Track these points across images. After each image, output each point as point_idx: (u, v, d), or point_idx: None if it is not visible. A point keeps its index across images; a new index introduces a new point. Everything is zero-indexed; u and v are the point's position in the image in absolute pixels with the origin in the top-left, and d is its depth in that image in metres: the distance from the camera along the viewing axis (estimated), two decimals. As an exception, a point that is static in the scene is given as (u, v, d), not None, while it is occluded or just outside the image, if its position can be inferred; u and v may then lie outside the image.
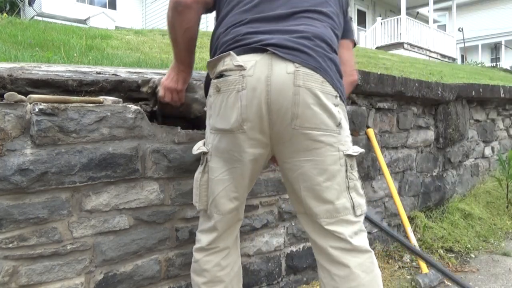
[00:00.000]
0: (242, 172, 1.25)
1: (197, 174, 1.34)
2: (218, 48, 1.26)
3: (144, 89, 1.53)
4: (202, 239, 1.34)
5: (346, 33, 1.43)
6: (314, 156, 1.18)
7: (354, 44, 1.50)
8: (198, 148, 1.32)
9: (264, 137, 1.19)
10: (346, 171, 1.20)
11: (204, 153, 1.30)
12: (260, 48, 1.14)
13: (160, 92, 1.48)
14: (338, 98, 1.18)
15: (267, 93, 1.12)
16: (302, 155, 1.18)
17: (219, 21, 1.32)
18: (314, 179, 1.19)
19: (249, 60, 1.14)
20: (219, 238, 1.33)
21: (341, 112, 1.19)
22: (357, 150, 1.22)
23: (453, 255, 2.46)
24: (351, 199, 1.21)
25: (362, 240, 1.22)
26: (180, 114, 1.60)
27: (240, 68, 1.14)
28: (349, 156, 1.20)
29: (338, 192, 1.19)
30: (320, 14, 1.26)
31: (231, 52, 1.16)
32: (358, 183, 1.24)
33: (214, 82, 1.21)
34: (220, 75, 1.18)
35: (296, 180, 1.22)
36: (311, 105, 1.12)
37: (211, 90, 1.24)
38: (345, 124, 1.22)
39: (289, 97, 1.12)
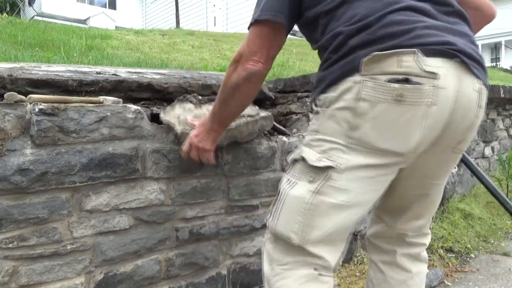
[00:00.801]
0: (380, 194, 1.02)
1: (304, 193, 0.96)
2: (370, 39, 0.91)
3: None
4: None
5: None
6: (443, 180, 1.11)
7: None
8: (318, 159, 0.96)
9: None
10: None
11: (327, 168, 0.95)
12: (451, 54, 0.89)
13: (185, 147, 1.35)
14: None
15: (452, 112, 0.91)
16: (436, 178, 1.09)
17: (341, 13, 0.98)
18: (431, 199, 1.14)
19: (440, 67, 0.88)
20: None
21: None
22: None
23: (453, 255, 2.46)
24: (433, 213, 1.21)
25: (425, 251, 1.24)
26: None
27: (433, 76, 0.87)
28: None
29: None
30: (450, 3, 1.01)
31: (417, 50, 0.87)
32: None
33: (392, 87, 0.87)
34: (403, 80, 0.87)
35: (412, 199, 1.13)
36: (477, 127, 1.00)
37: (374, 95, 0.89)
38: None
39: (469, 119, 0.95)
